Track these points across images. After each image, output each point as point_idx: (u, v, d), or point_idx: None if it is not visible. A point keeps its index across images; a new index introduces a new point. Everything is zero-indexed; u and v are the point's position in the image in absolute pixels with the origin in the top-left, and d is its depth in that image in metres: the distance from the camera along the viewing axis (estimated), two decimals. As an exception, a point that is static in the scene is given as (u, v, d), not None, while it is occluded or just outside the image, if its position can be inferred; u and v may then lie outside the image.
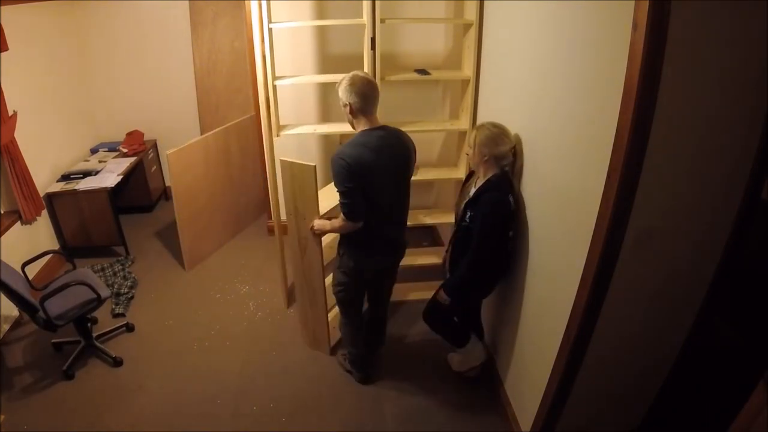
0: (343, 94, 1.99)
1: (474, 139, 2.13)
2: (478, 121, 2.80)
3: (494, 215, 2.06)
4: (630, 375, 1.89)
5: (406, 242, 2.37)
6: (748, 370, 1.41)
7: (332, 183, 2.08)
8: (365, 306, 2.55)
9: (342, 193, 2.01)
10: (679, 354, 1.83)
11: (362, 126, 2.04)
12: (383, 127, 2.07)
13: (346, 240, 2.25)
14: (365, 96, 1.97)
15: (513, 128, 2.27)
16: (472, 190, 2.21)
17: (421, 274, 3.30)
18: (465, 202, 2.22)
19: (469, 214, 2.17)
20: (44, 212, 3.50)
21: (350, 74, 2.00)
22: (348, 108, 2.00)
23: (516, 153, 2.13)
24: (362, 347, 2.58)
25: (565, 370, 1.81)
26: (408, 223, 3.11)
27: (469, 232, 2.15)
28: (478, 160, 2.14)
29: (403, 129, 2.89)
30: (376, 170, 1.99)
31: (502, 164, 2.11)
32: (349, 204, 2.02)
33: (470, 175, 2.35)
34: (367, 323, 2.62)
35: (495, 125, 2.13)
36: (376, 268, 2.34)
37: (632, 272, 1.60)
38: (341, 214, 2.08)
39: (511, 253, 2.25)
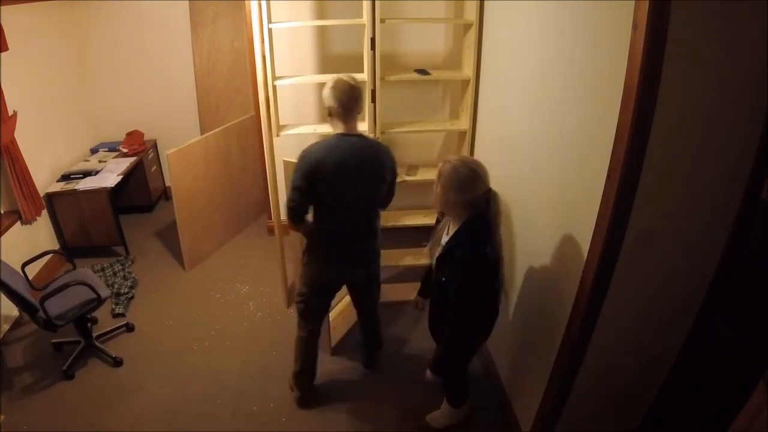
0: (325, 96, 1.96)
1: (437, 179, 1.72)
2: (479, 121, 2.81)
3: (473, 278, 1.73)
4: (630, 375, 1.89)
5: (372, 254, 2.27)
6: (748, 370, 1.41)
7: None
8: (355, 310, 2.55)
9: (291, 189, 1.98)
10: (679, 354, 1.83)
11: (338, 130, 2.00)
12: (360, 136, 2.02)
13: (308, 249, 2.19)
14: (344, 102, 1.92)
15: (513, 128, 2.27)
16: (444, 238, 1.85)
17: (421, 274, 3.29)
18: (437, 255, 1.88)
19: (443, 271, 1.82)
20: (44, 212, 3.50)
21: (335, 77, 1.95)
22: (328, 110, 1.98)
23: (492, 197, 1.74)
24: (307, 363, 2.44)
25: (565, 371, 1.81)
26: (408, 223, 3.12)
27: (446, 293, 1.80)
28: (443, 203, 1.76)
29: (403, 129, 2.91)
30: (338, 176, 1.93)
31: (475, 207, 1.72)
32: (289, 200, 1.99)
33: (441, 217, 1.96)
34: (360, 326, 2.62)
35: (467, 164, 1.69)
36: (340, 281, 2.30)
37: (632, 272, 1.60)
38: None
39: (499, 302, 1.96)
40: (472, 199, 1.70)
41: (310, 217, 2.11)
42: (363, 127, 2.83)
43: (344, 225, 2.09)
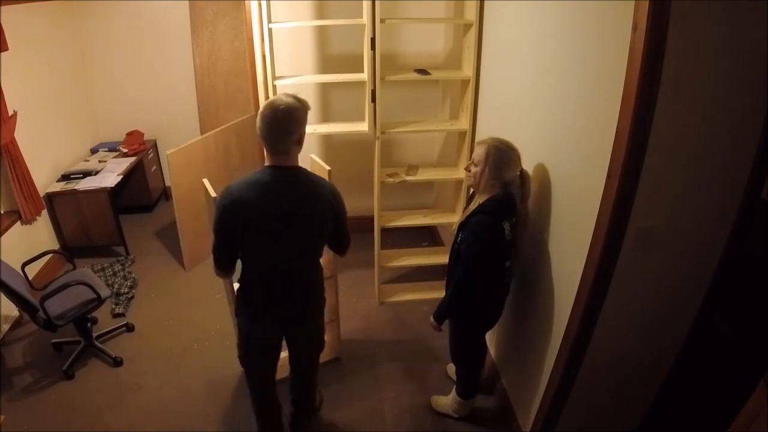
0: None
1: (485, 158, 1.85)
2: (479, 121, 2.81)
3: (481, 241, 1.85)
4: (630, 375, 1.89)
5: (309, 311, 1.92)
6: (748, 370, 1.41)
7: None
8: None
9: (213, 232, 1.72)
10: (679, 354, 1.83)
11: (266, 161, 1.66)
12: (295, 170, 1.66)
13: (237, 298, 1.92)
14: (264, 133, 1.58)
15: (513, 128, 2.27)
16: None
17: (421, 274, 3.30)
18: (458, 223, 2.01)
19: (459, 236, 1.96)
20: (44, 212, 3.50)
21: (270, 98, 1.65)
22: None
23: (525, 176, 1.91)
24: (264, 426, 2.19)
25: (565, 370, 1.81)
26: (408, 223, 3.11)
27: (459, 256, 1.96)
28: (484, 181, 1.88)
29: (403, 129, 2.91)
30: (258, 218, 1.63)
31: (508, 188, 1.89)
32: (213, 247, 1.75)
33: (472, 196, 2.06)
34: (290, 384, 2.26)
35: (509, 145, 1.86)
36: (271, 340, 1.95)
37: (632, 272, 1.60)
38: None
39: (509, 285, 2.06)
40: (508, 177, 1.86)
41: None
42: (363, 127, 2.82)
43: (272, 277, 1.79)
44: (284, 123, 1.57)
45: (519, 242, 1.96)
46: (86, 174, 3.75)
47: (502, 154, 1.84)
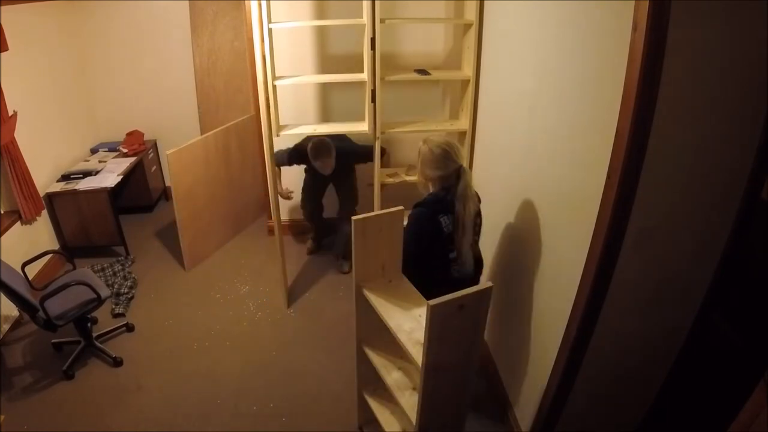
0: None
1: (418, 158, 2.00)
2: (479, 121, 2.81)
3: (412, 230, 1.97)
4: (630, 375, 1.89)
5: None
6: (748, 370, 1.41)
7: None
8: None
9: None
10: (679, 354, 1.83)
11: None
12: None
13: None
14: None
15: (513, 128, 2.27)
16: None
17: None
18: None
19: None
20: (44, 212, 3.50)
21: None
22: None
23: (461, 174, 1.92)
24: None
25: (565, 370, 1.81)
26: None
27: None
28: (421, 178, 2.04)
29: (403, 129, 2.92)
30: None
31: (444, 184, 1.97)
32: None
33: None
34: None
35: (440, 144, 1.93)
36: None
37: (632, 272, 1.60)
38: None
39: (457, 276, 2.04)
40: (444, 175, 1.94)
41: None
42: (363, 127, 2.83)
43: None
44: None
45: (458, 238, 1.98)
46: (86, 174, 3.75)
47: (429, 154, 1.95)
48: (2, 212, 3.17)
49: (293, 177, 3.57)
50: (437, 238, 1.97)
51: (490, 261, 2.69)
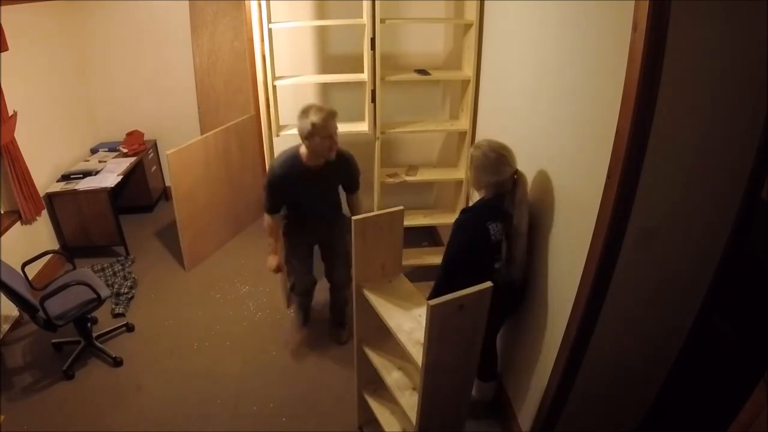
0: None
1: (470, 162, 1.97)
2: (479, 121, 2.81)
3: (459, 238, 1.94)
4: (630, 375, 1.89)
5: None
6: (748, 370, 1.41)
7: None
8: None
9: None
10: (679, 354, 1.83)
11: None
12: None
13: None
14: None
15: (513, 128, 2.27)
16: None
17: (421, 274, 3.30)
18: None
19: None
20: (44, 212, 3.50)
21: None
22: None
23: (518, 179, 1.91)
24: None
25: (565, 370, 1.81)
26: (408, 223, 3.12)
27: None
28: (473, 184, 2.04)
29: (403, 129, 2.92)
30: None
31: (498, 190, 1.94)
32: None
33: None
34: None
35: (494, 149, 1.90)
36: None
37: (632, 272, 1.60)
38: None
39: (502, 287, 1.95)
40: (500, 180, 1.91)
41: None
42: (363, 127, 2.83)
43: None
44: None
45: (513, 246, 1.94)
46: (86, 174, 3.74)
47: (484, 158, 1.91)
48: (2, 212, 3.17)
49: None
50: (484, 247, 1.93)
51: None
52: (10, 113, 3.03)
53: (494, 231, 1.92)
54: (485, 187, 1.97)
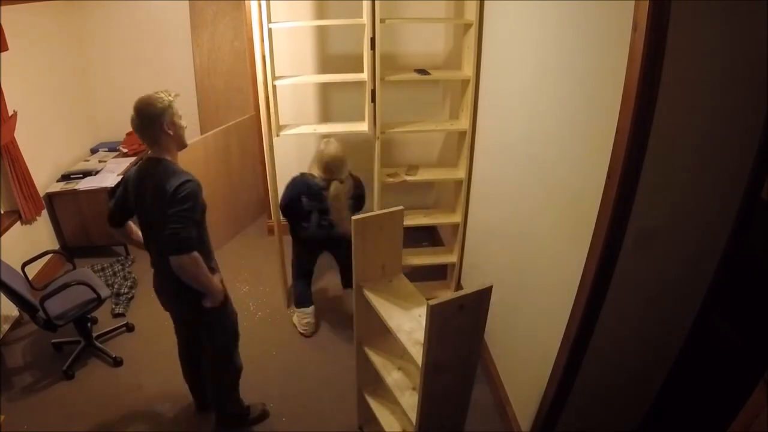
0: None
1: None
2: (479, 121, 2.81)
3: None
4: (630, 375, 1.89)
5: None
6: (748, 370, 1.41)
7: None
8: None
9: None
10: (679, 354, 1.83)
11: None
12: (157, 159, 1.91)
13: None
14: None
15: (513, 128, 2.27)
16: None
17: (421, 274, 3.30)
18: None
19: None
20: (44, 212, 3.50)
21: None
22: None
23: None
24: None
25: (565, 370, 1.81)
26: (408, 223, 3.12)
27: None
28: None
29: (403, 129, 2.91)
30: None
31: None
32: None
33: None
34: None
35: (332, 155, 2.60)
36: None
37: (632, 272, 1.60)
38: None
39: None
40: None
41: None
42: (363, 127, 2.82)
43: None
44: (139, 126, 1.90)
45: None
46: (86, 174, 3.75)
47: (319, 155, 2.63)
48: (2, 212, 3.17)
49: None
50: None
51: (491, 261, 2.70)
52: (10, 113, 3.03)
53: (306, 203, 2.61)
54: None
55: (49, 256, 3.34)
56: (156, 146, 1.91)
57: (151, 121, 1.89)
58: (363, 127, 2.83)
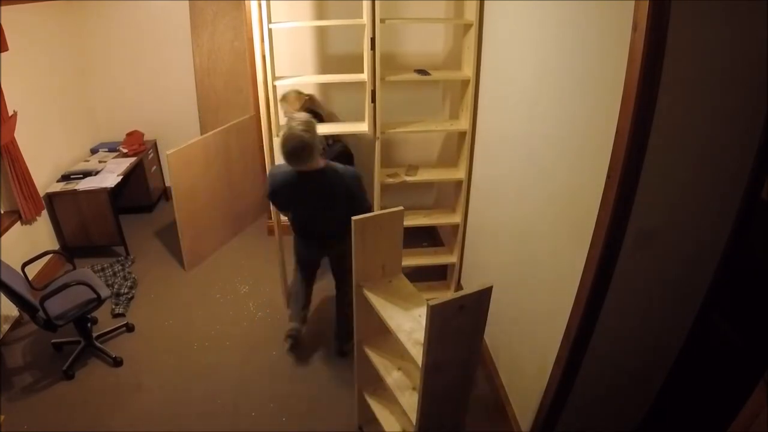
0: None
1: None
2: (479, 121, 2.81)
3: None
4: (630, 375, 1.89)
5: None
6: (748, 370, 1.41)
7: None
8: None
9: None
10: (679, 354, 1.83)
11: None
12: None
13: None
14: (286, 158, 2.17)
15: (513, 128, 2.27)
16: None
17: (421, 274, 3.30)
18: None
19: None
20: (44, 212, 3.50)
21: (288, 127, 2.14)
22: None
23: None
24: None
25: (565, 370, 1.81)
26: (408, 223, 3.12)
27: None
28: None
29: (403, 129, 2.92)
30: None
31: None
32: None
33: None
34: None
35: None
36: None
37: (632, 272, 1.60)
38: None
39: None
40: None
41: None
42: (363, 127, 2.83)
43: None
44: (301, 156, 2.14)
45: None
46: (86, 174, 3.75)
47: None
48: (2, 212, 3.17)
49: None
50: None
51: (491, 261, 2.70)
52: (10, 113, 3.03)
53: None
54: None
55: (49, 257, 3.34)
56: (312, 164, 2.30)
57: (312, 151, 2.20)
58: (363, 127, 2.83)
